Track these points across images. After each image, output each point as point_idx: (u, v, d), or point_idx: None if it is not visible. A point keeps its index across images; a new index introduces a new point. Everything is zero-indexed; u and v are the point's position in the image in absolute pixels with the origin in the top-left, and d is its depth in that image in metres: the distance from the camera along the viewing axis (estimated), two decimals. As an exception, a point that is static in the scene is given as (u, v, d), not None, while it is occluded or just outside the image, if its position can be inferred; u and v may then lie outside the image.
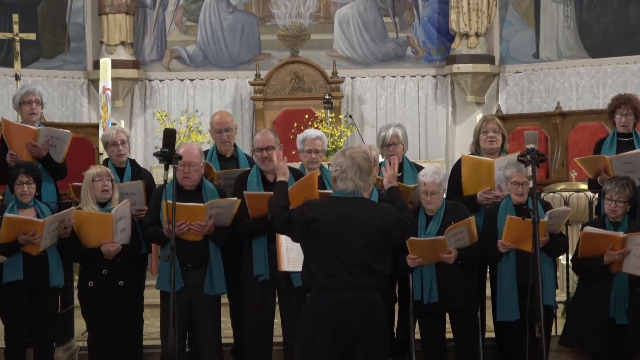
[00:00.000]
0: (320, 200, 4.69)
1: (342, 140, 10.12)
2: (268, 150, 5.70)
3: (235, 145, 6.34)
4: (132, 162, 6.28)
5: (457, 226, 5.60)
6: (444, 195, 5.78)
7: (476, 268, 5.82)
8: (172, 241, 4.86)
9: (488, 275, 6.03)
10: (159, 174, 8.50)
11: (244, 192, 5.60)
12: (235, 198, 5.61)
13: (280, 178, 4.86)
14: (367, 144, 6.01)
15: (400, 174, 6.14)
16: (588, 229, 5.67)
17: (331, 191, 5.64)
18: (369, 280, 4.47)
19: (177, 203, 5.25)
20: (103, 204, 5.75)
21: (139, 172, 6.24)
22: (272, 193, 5.44)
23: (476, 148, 6.19)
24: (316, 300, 4.48)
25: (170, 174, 4.99)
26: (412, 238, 5.54)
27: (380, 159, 6.20)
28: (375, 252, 4.50)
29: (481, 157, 6.09)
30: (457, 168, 6.20)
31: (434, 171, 5.74)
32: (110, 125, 8.67)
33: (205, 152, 6.15)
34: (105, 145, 6.19)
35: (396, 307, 6.05)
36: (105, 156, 6.31)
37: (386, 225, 4.52)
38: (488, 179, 5.98)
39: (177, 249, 5.07)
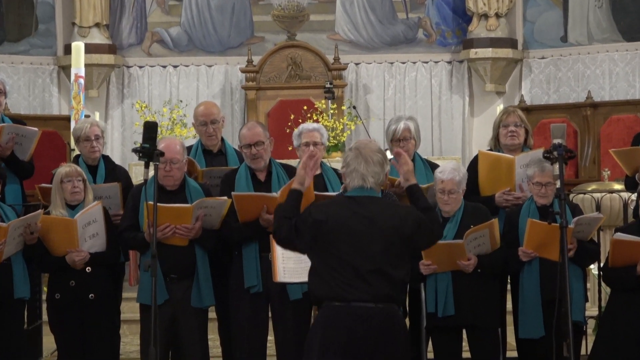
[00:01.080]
0: (330, 201, 4.69)
1: (344, 134, 10.13)
2: (257, 147, 5.70)
3: (223, 140, 6.36)
4: (106, 159, 6.29)
5: (478, 230, 5.61)
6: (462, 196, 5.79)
7: (497, 278, 5.84)
8: (153, 247, 4.87)
9: (509, 287, 6.05)
10: (138, 172, 8.55)
11: (232, 192, 5.60)
12: (226, 197, 5.62)
13: (295, 186, 4.78)
14: (373, 139, 6.00)
15: (410, 172, 6.16)
16: (618, 235, 5.67)
17: (333, 193, 5.67)
18: (385, 289, 4.46)
19: (161, 205, 5.26)
20: (75, 207, 5.76)
21: (113, 170, 6.26)
22: (264, 194, 5.45)
23: (496, 143, 6.21)
24: (327, 313, 4.46)
25: (152, 172, 5.00)
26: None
27: (389, 155, 6.20)
28: (393, 257, 4.49)
29: (500, 154, 6.10)
30: (473, 165, 6.21)
31: (453, 168, 5.74)
32: (83, 117, 8.67)
33: (190, 148, 6.16)
34: (77, 141, 6.19)
35: (406, 321, 6.05)
36: (77, 152, 6.31)
37: (406, 228, 4.52)
38: (508, 179, 5.99)
39: (159, 256, 5.08)
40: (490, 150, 6.23)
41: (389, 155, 6.09)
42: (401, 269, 4.53)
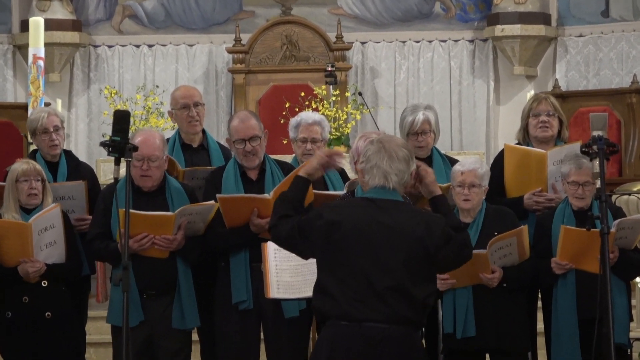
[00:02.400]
0: (345, 202, 4.68)
1: (348, 125, 10.14)
2: (252, 142, 5.71)
3: (204, 132, 6.38)
4: (68, 155, 6.30)
5: (504, 238, 5.61)
6: (484, 197, 5.81)
7: (526, 294, 5.84)
8: (124, 258, 4.87)
9: (539, 303, 6.05)
10: (107, 170, 8.56)
11: (217, 195, 5.61)
12: (213, 202, 5.63)
13: (302, 173, 4.82)
14: (377, 132, 6.02)
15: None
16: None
17: (334, 192, 5.69)
18: (404, 310, 4.43)
19: (137, 212, 5.26)
20: (31, 211, 5.76)
21: (77, 168, 6.27)
22: (253, 196, 5.45)
23: (524, 136, 6.22)
24: (333, 333, 4.44)
25: (123, 171, 5.01)
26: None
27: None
28: (415, 274, 4.47)
29: (530, 148, 6.11)
30: (498, 162, 6.23)
31: (474, 161, 5.77)
32: (42, 105, 8.68)
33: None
34: (33, 133, 6.20)
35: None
36: (34, 147, 6.33)
37: (432, 240, 4.50)
38: (538, 177, 5.99)
39: (135, 270, 5.09)
40: (519, 144, 6.24)
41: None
42: (424, 288, 4.49)
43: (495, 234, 5.62)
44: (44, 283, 5.72)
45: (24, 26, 10.87)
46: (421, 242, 4.47)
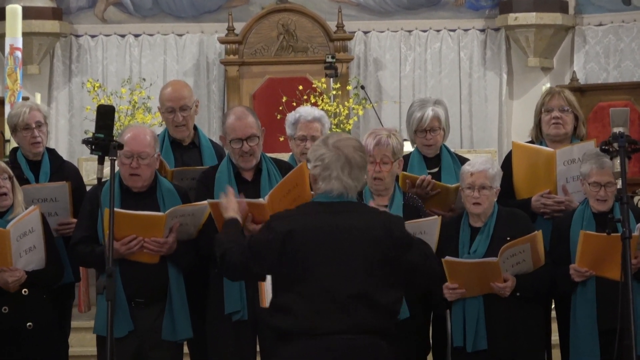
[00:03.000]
0: (295, 210, 4.69)
1: (350, 121, 10.15)
2: (250, 142, 5.71)
3: (196, 128, 6.38)
4: (52, 153, 6.31)
5: (517, 244, 5.61)
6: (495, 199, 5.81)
7: (541, 303, 5.84)
8: (109, 264, 4.87)
9: (554, 313, 6.07)
10: (89, 169, 8.57)
11: (208, 200, 5.57)
12: (206, 202, 5.61)
13: (231, 214, 4.90)
14: (388, 128, 6.02)
15: (436, 169, 6.20)
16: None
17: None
18: (370, 319, 4.46)
19: (125, 212, 5.25)
20: (3, 214, 5.75)
21: (61, 167, 6.27)
22: (249, 200, 5.45)
23: (538, 134, 6.24)
24: (293, 350, 4.45)
25: (107, 170, 5.01)
26: (451, 259, 5.57)
27: (408, 148, 6.23)
28: (379, 278, 4.49)
29: (538, 146, 6.13)
30: (508, 161, 6.25)
31: (485, 160, 5.77)
32: (20, 100, 8.68)
33: (155, 139, 6.19)
34: (14, 130, 6.21)
35: (429, 358, 6.09)
36: (14, 144, 6.33)
37: (391, 239, 4.53)
38: (547, 178, 6.01)
39: (123, 276, 5.08)
40: (532, 142, 6.26)
41: (407, 147, 6.15)
42: (389, 294, 4.53)
43: (508, 239, 5.62)
44: (25, 291, 5.72)
45: (1, 14, 10.87)
46: (380, 245, 4.50)
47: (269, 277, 5.39)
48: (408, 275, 4.62)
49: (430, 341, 6.05)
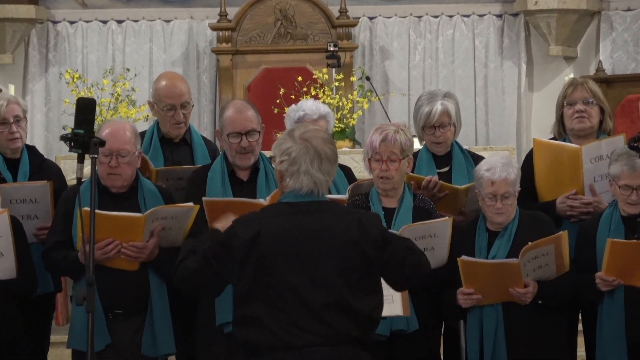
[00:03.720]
0: (260, 212, 4.67)
1: (354, 116, 10.13)
2: (250, 137, 5.71)
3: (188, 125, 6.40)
4: (31, 151, 6.30)
5: (540, 245, 5.60)
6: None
7: (565, 313, 5.83)
8: (89, 272, 4.84)
9: (580, 325, 6.06)
10: (68, 168, 8.53)
11: (203, 198, 5.59)
12: (191, 204, 5.62)
13: (218, 226, 4.86)
14: (395, 123, 6.01)
15: (447, 169, 6.20)
16: None
17: (339, 196, 5.67)
18: (347, 328, 4.44)
19: (100, 212, 5.22)
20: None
21: (41, 167, 6.26)
22: (246, 200, 5.43)
23: (560, 129, 6.24)
24: None
25: (88, 169, 4.98)
26: (467, 259, 5.56)
27: (417, 145, 6.22)
28: (355, 283, 4.47)
29: (561, 143, 6.12)
30: (529, 160, 6.25)
31: (503, 162, 5.73)
32: (-6, 92, 8.68)
33: (141, 135, 6.16)
34: (-11, 125, 6.20)
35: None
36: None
37: (368, 240, 4.50)
38: (572, 177, 6.01)
39: (99, 285, 5.05)
40: (554, 138, 6.24)
41: (416, 144, 6.13)
42: (368, 300, 4.51)
43: (530, 242, 5.60)
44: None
45: (-30, -1, 10.89)
46: (356, 246, 4.48)
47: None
48: (390, 275, 4.60)
49: (442, 357, 6.04)
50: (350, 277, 4.46)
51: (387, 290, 4.69)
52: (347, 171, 6.20)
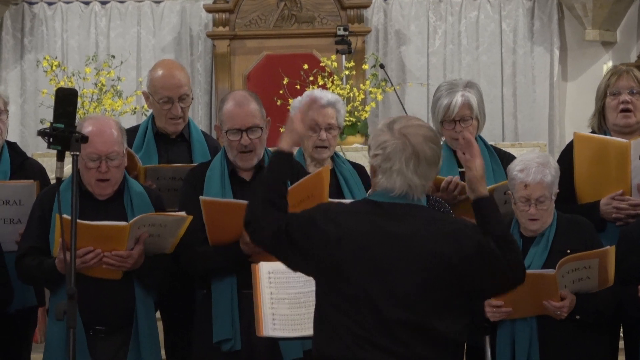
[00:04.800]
0: (345, 207, 4.65)
1: (367, 108, 10.14)
2: (252, 134, 5.71)
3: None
4: (12, 148, 6.33)
5: (582, 258, 5.60)
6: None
7: (606, 330, 5.82)
8: (70, 283, 4.84)
9: (622, 342, 6.06)
10: (46, 166, 8.54)
11: (201, 197, 5.59)
12: (184, 213, 5.61)
13: (283, 146, 4.72)
14: (421, 120, 6.01)
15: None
16: None
17: (351, 201, 5.67)
18: (425, 350, 4.42)
19: (80, 222, 5.21)
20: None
21: (22, 166, 6.29)
22: (244, 202, 5.44)
23: (600, 122, 6.26)
24: None
25: (68, 169, 4.99)
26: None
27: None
28: (439, 301, 4.45)
29: (608, 137, 6.13)
30: (566, 156, 6.25)
31: (539, 162, 5.72)
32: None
33: (134, 130, 6.17)
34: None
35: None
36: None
37: (460, 255, 4.46)
38: (619, 176, 6.02)
39: (80, 298, 5.05)
40: (593, 132, 6.26)
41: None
42: (453, 322, 4.48)
43: (568, 252, 5.61)
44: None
45: (-62, -22, 10.92)
46: (445, 260, 4.43)
47: (267, 298, 5.41)
48: (477, 291, 4.60)
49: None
50: (433, 294, 4.43)
51: None
52: (360, 170, 6.19)
